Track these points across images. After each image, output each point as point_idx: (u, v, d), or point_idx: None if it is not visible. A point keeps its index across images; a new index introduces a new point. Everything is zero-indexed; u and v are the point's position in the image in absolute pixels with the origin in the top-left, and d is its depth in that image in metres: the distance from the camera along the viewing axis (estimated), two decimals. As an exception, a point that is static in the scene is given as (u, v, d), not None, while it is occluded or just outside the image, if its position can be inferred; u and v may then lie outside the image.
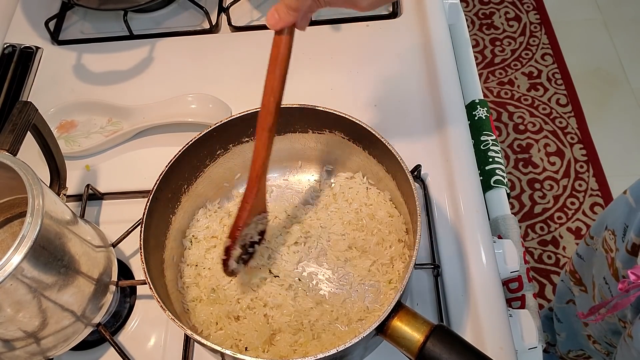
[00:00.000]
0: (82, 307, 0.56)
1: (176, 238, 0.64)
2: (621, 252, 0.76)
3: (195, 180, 0.65)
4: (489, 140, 0.80)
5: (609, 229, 0.82)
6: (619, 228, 0.79)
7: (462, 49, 0.92)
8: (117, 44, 0.89)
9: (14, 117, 0.57)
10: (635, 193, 0.78)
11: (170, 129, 0.78)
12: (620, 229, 0.78)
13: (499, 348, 0.60)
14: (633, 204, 0.77)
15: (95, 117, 0.79)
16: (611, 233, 0.81)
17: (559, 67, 2.03)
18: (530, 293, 0.73)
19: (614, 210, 0.83)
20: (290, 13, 0.45)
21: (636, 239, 0.72)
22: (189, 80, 0.84)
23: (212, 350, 0.51)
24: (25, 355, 0.56)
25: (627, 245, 0.74)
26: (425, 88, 0.79)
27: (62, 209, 0.54)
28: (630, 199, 0.78)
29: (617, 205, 0.83)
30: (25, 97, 0.84)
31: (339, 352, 0.48)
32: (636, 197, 0.77)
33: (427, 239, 0.67)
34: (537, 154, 1.85)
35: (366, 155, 0.64)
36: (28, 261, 0.47)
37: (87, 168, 0.76)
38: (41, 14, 0.92)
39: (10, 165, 0.51)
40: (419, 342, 0.49)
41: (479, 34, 2.13)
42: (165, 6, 0.93)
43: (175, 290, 0.61)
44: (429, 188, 0.71)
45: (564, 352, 1.18)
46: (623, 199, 0.80)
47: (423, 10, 0.86)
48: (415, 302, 0.64)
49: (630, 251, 0.73)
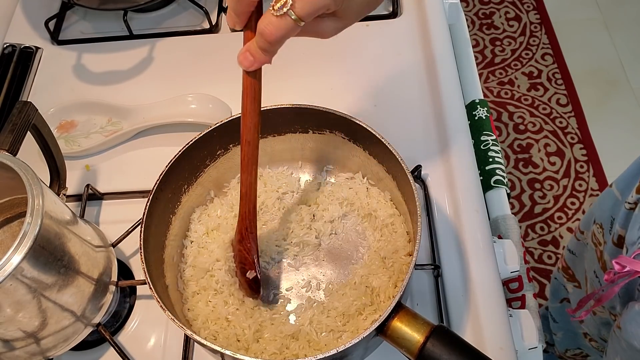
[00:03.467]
0: (82, 307, 0.56)
1: (176, 238, 0.64)
2: (608, 244, 0.76)
3: (195, 180, 0.65)
4: (489, 140, 0.80)
5: (597, 223, 0.83)
6: (606, 221, 0.79)
7: (462, 49, 0.92)
8: (117, 44, 0.89)
9: (13, 117, 0.57)
10: (621, 185, 0.79)
11: (170, 129, 0.78)
12: (607, 222, 0.79)
13: (499, 348, 0.60)
14: (619, 197, 0.77)
15: (95, 117, 0.79)
16: (599, 226, 0.82)
17: (559, 67, 2.03)
18: (530, 293, 0.73)
19: (601, 204, 0.83)
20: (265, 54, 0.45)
21: (621, 231, 0.72)
22: (189, 80, 0.84)
23: (212, 351, 0.51)
24: (25, 356, 0.55)
25: (614, 237, 0.74)
26: (425, 88, 0.79)
27: (62, 209, 0.54)
28: (615, 191, 0.79)
29: (604, 199, 0.83)
30: (25, 97, 0.84)
31: (339, 353, 0.48)
32: (621, 190, 0.77)
33: (427, 239, 0.67)
34: (537, 154, 1.86)
35: (366, 155, 0.64)
36: (28, 261, 0.47)
37: (87, 168, 0.76)
38: (41, 14, 0.92)
39: (10, 165, 0.51)
40: (419, 342, 0.49)
41: (479, 34, 2.13)
42: (165, 6, 0.93)
43: (175, 290, 0.61)
44: (429, 188, 0.71)
45: (561, 352, 1.18)
46: (609, 192, 0.81)
47: (423, 10, 0.86)
48: (415, 303, 0.64)
49: (616, 243, 0.74)
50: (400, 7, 0.88)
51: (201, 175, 0.65)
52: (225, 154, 0.65)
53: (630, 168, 0.78)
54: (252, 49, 0.45)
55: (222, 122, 0.61)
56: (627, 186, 0.76)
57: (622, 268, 0.61)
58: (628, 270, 0.61)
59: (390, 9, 0.88)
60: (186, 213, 0.65)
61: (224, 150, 0.65)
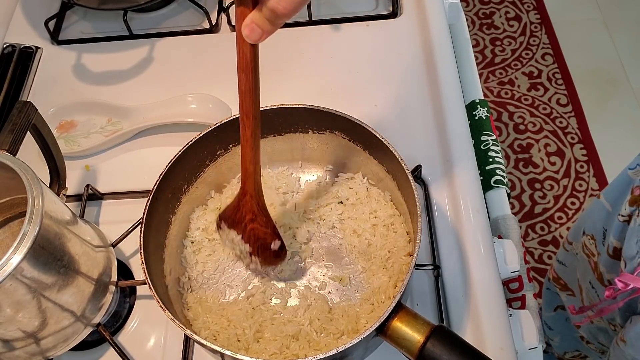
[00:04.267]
0: (82, 307, 0.56)
1: (176, 238, 0.64)
2: (603, 256, 0.76)
3: (195, 180, 0.65)
4: (489, 140, 0.80)
5: (587, 234, 0.82)
6: (598, 232, 0.78)
7: (462, 49, 0.92)
8: (117, 44, 0.89)
9: (13, 117, 0.57)
10: (610, 197, 0.78)
11: (170, 129, 0.78)
12: (599, 233, 0.78)
13: (499, 348, 0.60)
14: (609, 208, 0.77)
15: (95, 117, 0.79)
16: (590, 238, 0.81)
17: (559, 67, 2.02)
18: (530, 293, 0.73)
19: (591, 215, 0.83)
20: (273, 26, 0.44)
21: (617, 243, 0.72)
22: (189, 80, 0.84)
23: (211, 351, 0.51)
24: (25, 356, 0.55)
25: (609, 249, 0.74)
26: (425, 88, 0.79)
27: (61, 209, 0.54)
28: (605, 203, 0.78)
29: (593, 210, 0.82)
30: (25, 97, 0.84)
31: (339, 353, 0.48)
32: (612, 201, 0.77)
33: (427, 240, 0.67)
34: (537, 154, 1.85)
35: (366, 155, 0.64)
36: (28, 261, 0.47)
37: (87, 168, 0.76)
38: (41, 13, 0.92)
39: (10, 165, 0.51)
40: (419, 342, 0.49)
41: (479, 34, 2.13)
42: (165, 6, 0.93)
43: (175, 290, 0.61)
44: (430, 188, 0.71)
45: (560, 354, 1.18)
46: (598, 204, 0.80)
47: (423, 10, 0.86)
48: (415, 303, 0.64)
49: (612, 255, 0.73)
50: (400, 7, 0.88)
51: (201, 175, 0.65)
52: (225, 154, 0.65)
53: (618, 179, 0.77)
54: (259, 21, 0.44)
55: (222, 122, 0.61)
56: (618, 197, 0.75)
57: (625, 286, 0.61)
58: (631, 288, 0.61)
59: (390, 9, 0.88)
60: (186, 213, 0.65)
61: (224, 150, 0.65)
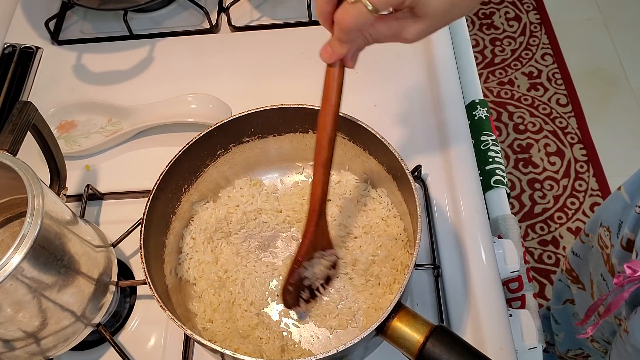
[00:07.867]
0: (82, 307, 0.56)
1: (176, 238, 0.64)
2: (616, 248, 0.76)
3: (195, 180, 0.65)
4: (489, 140, 0.80)
5: (603, 226, 0.82)
6: (614, 224, 0.78)
7: (462, 49, 0.91)
8: (117, 44, 0.89)
9: (13, 117, 0.57)
10: (630, 189, 0.78)
11: (170, 129, 0.78)
12: (615, 225, 0.78)
13: (499, 348, 0.60)
14: (628, 200, 0.77)
15: (95, 117, 0.79)
16: (606, 229, 0.81)
17: (559, 67, 2.03)
18: (530, 293, 0.73)
19: (609, 207, 0.83)
20: (342, 45, 0.48)
21: (631, 235, 0.72)
22: (189, 80, 0.84)
23: (212, 350, 0.51)
24: (25, 355, 0.55)
25: (622, 241, 0.73)
26: (425, 88, 0.79)
27: (62, 209, 0.54)
28: (625, 195, 0.78)
29: (612, 202, 0.82)
30: (25, 97, 0.84)
31: (339, 353, 0.48)
32: (631, 193, 0.77)
33: (427, 239, 0.67)
34: (537, 154, 1.86)
35: (366, 155, 0.64)
36: (28, 261, 0.47)
37: (87, 168, 0.76)
38: (41, 13, 0.92)
39: (10, 165, 0.51)
40: (419, 342, 0.49)
41: (479, 34, 2.13)
42: (165, 6, 0.93)
43: (175, 290, 0.61)
44: (430, 188, 0.71)
45: (563, 352, 1.18)
46: (618, 195, 0.80)
47: (423, 10, 0.86)
48: (415, 303, 0.64)
49: (625, 247, 0.73)
50: (400, 7, 0.88)
51: (201, 175, 0.65)
52: (225, 154, 0.65)
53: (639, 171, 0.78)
54: (331, 41, 0.48)
55: (222, 122, 0.61)
56: (637, 190, 0.75)
57: (633, 272, 0.61)
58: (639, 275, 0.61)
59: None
60: (186, 213, 0.65)
61: (224, 150, 0.65)
